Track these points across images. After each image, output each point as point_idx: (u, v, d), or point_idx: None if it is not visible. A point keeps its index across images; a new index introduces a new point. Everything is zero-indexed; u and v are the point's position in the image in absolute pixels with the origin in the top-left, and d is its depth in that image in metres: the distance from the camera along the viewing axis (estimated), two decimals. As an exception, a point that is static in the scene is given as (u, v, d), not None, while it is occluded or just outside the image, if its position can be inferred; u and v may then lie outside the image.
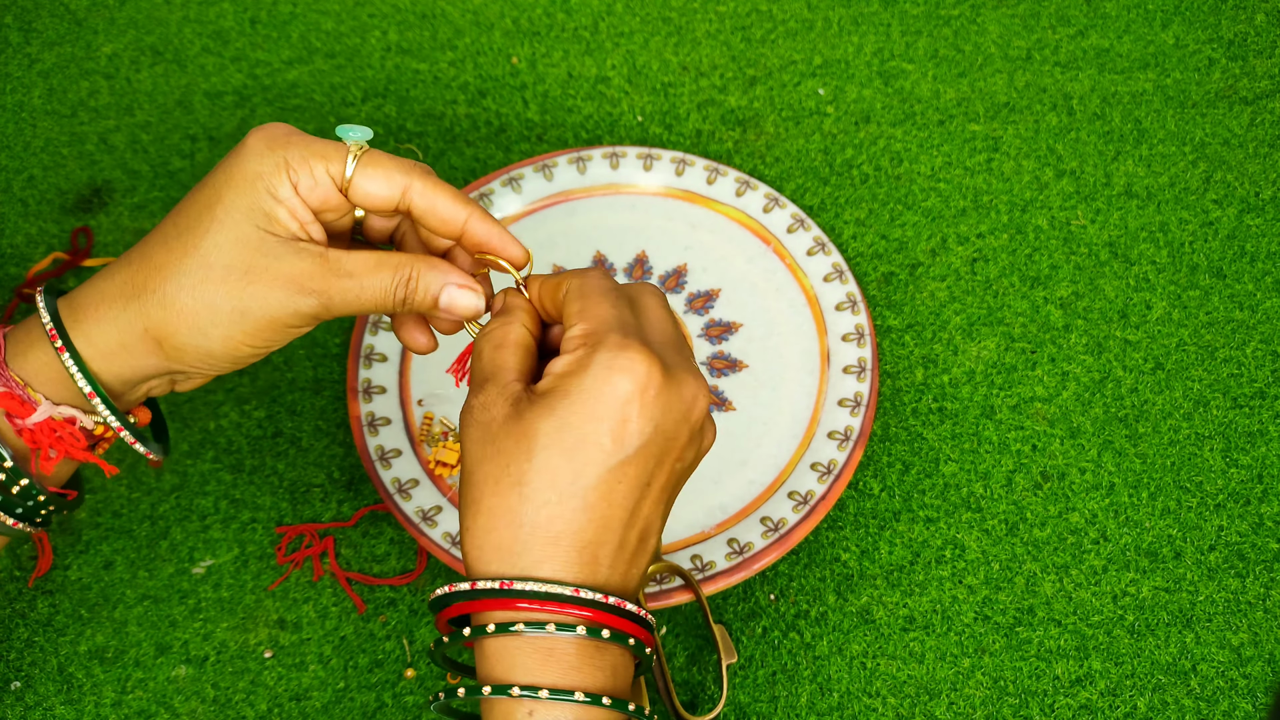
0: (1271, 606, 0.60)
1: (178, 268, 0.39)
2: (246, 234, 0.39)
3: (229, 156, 0.41)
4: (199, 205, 0.40)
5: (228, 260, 0.39)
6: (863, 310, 0.67)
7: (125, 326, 0.40)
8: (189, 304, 0.39)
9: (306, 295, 0.40)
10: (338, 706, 0.57)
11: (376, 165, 0.41)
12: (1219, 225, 0.73)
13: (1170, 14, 0.82)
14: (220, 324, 0.40)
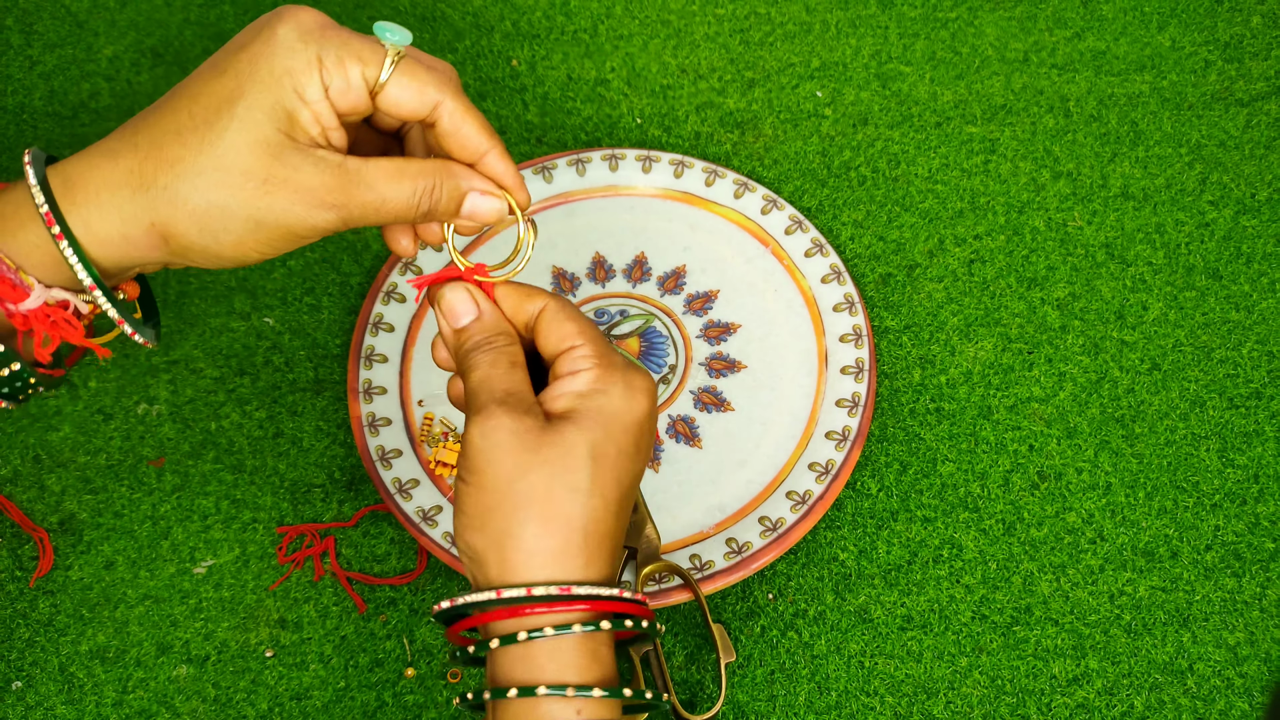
0: (1268, 606, 0.60)
1: (192, 165, 0.37)
2: (267, 136, 0.37)
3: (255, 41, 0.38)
4: (218, 96, 0.37)
5: (246, 164, 0.37)
6: (860, 311, 0.67)
7: (130, 218, 0.37)
8: (201, 206, 0.37)
9: (325, 209, 0.38)
10: (338, 706, 0.57)
11: (412, 75, 0.39)
12: (1215, 226, 0.73)
13: (1166, 16, 0.83)
14: (233, 230, 0.38)
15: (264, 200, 0.37)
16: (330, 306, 0.70)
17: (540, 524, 0.38)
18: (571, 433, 0.39)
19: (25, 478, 0.64)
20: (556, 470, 0.38)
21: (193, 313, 0.70)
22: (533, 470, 0.38)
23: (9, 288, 0.37)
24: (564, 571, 0.38)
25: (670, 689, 0.55)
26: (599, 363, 0.40)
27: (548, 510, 0.38)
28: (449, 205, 0.41)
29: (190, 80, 0.38)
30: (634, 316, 0.69)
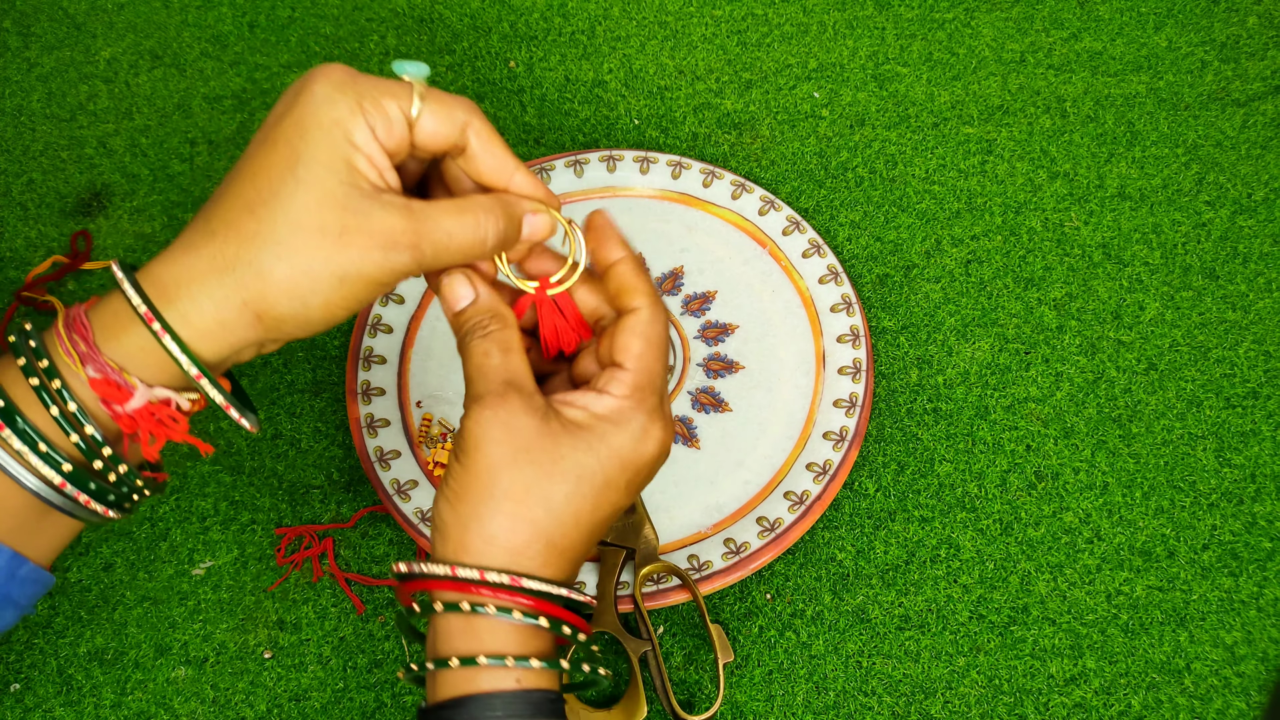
0: (1264, 605, 0.60)
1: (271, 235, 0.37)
2: (333, 190, 0.37)
3: (293, 104, 0.38)
4: (278, 166, 0.37)
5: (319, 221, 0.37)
6: (858, 312, 0.67)
7: (222, 303, 0.37)
8: (287, 273, 0.37)
9: (400, 251, 0.38)
10: (337, 707, 0.58)
11: (440, 103, 0.40)
12: (1211, 227, 0.73)
13: (1163, 17, 0.83)
14: (320, 291, 0.37)
15: (344, 253, 0.37)
16: (328, 308, 0.70)
17: (509, 520, 0.39)
18: (568, 447, 0.39)
19: (24, 479, 0.64)
20: (540, 476, 0.39)
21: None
22: (518, 468, 0.39)
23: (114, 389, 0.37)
24: (518, 567, 0.39)
25: (669, 689, 0.55)
26: (631, 395, 0.40)
27: (519, 510, 0.39)
28: (511, 231, 0.41)
29: (244, 160, 0.39)
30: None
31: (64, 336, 0.38)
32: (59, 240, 0.73)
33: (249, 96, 0.79)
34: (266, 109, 0.79)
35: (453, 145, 0.41)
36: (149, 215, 0.74)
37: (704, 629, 0.59)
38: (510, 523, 0.39)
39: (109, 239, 0.73)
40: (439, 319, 0.69)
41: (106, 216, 0.74)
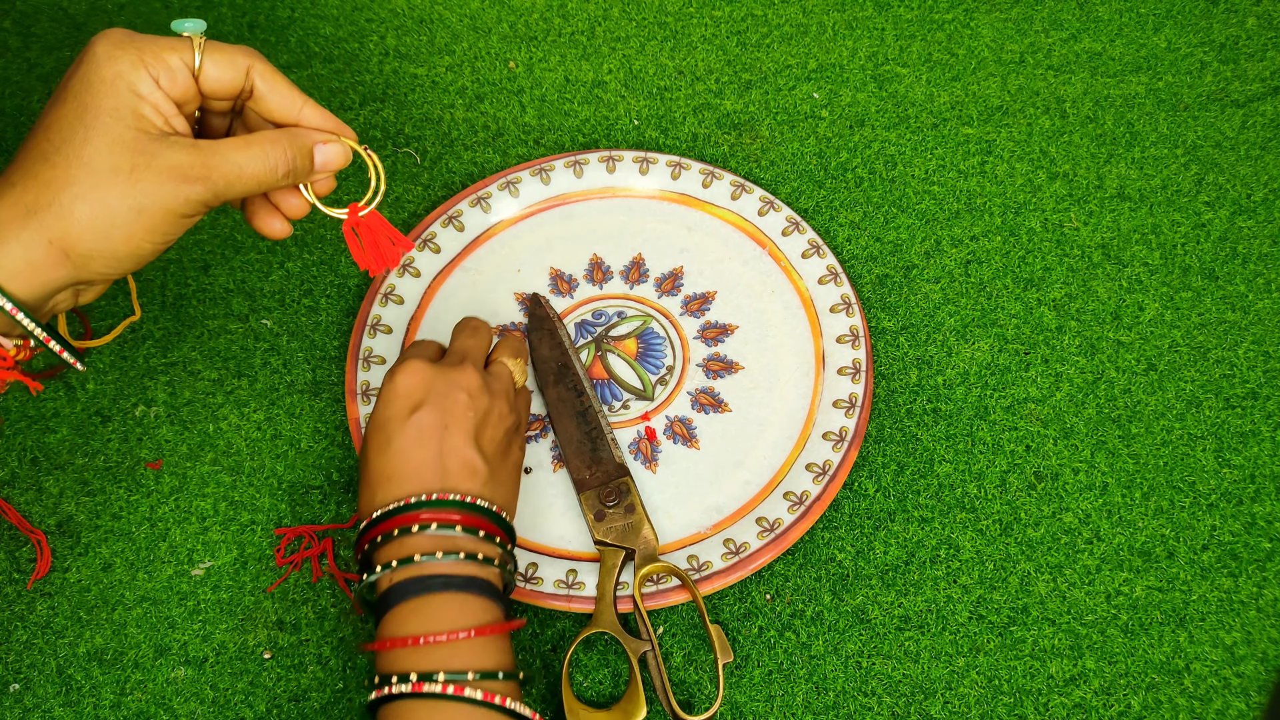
0: (1264, 605, 0.60)
1: (67, 178, 0.40)
2: (121, 134, 0.41)
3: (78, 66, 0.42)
4: (68, 117, 0.41)
5: (111, 162, 0.41)
6: (857, 312, 0.67)
7: (29, 243, 0.40)
8: (87, 210, 0.40)
9: (192, 183, 0.42)
10: (336, 707, 0.58)
11: (220, 51, 0.44)
12: (1211, 227, 0.73)
13: (1162, 18, 0.83)
14: (120, 224, 0.41)
15: (137, 186, 0.41)
16: (328, 308, 0.70)
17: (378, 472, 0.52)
18: None
19: (23, 480, 0.64)
20: None
21: (190, 315, 0.70)
22: None
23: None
24: None
25: (668, 689, 0.55)
26: None
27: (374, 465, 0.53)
28: (304, 161, 0.46)
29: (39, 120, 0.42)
30: (631, 318, 0.69)
31: None
32: (58, 240, 0.73)
33: (249, 97, 0.79)
34: (266, 109, 0.79)
35: (240, 89, 0.45)
36: (149, 216, 0.74)
37: (704, 629, 0.59)
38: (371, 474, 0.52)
39: (109, 239, 0.73)
40: (438, 319, 0.69)
41: (106, 217, 0.74)
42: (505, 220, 0.73)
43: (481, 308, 0.69)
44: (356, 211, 0.51)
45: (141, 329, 0.70)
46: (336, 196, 0.72)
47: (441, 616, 0.46)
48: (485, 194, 0.72)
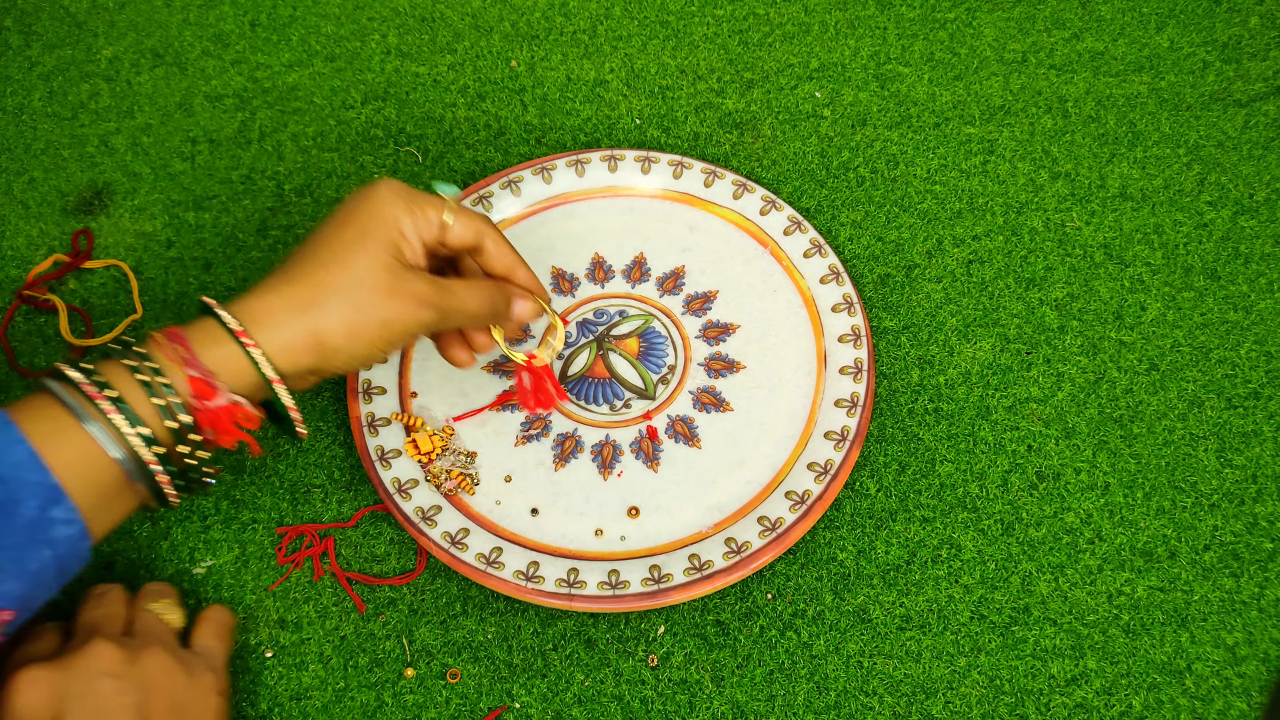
0: (1266, 606, 0.60)
1: (339, 286, 0.50)
2: (386, 262, 0.50)
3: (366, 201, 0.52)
4: (348, 239, 0.51)
5: (375, 281, 0.50)
6: (859, 311, 0.67)
7: (297, 331, 0.49)
8: (349, 314, 0.49)
9: (428, 309, 0.51)
10: (338, 706, 0.58)
11: (466, 215, 0.55)
12: (1213, 227, 0.73)
13: (1165, 17, 0.83)
14: (369, 330, 0.50)
15: (388, 303, 0.50)
16: (329, 307, 0.70)
17: None
18: None
19: (25, 478, 0.64)
20: None
21: (192, 313, 0.70)
22: None
23: (206, 388, 0.47)
24: None
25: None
26: None
27: None
28: (505, 309, 0.56)
29: (321, 232, 0.52)
30: (633, 317, 0.69)
31: (166, 345, 0.48)
32: (60, 238, 0.73)
33: (250, 95, 0.79)
34: (268, 107, 0.79)
35: (471, 246, 0.55)
36: (150, 214, 0.74)
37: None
38: None
39: (110, 237, 0.73)
40: (440, 318, 0.69)
41: (108, 215, 0.74)
42: (507, 219, 0.73)
43: (483, 306, 0.69)
44: (532, 360, 0.61)
45: (143, 327, 0.70)
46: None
47: None
48: (487, 193, 0.72)
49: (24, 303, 0.70)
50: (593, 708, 0.58)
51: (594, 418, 0.65)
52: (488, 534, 0.61)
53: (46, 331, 0.69)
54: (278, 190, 0.75)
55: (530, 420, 0.65)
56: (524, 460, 0.64)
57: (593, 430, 0.65)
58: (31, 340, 0.69)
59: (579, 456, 0.64)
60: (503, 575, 0.59)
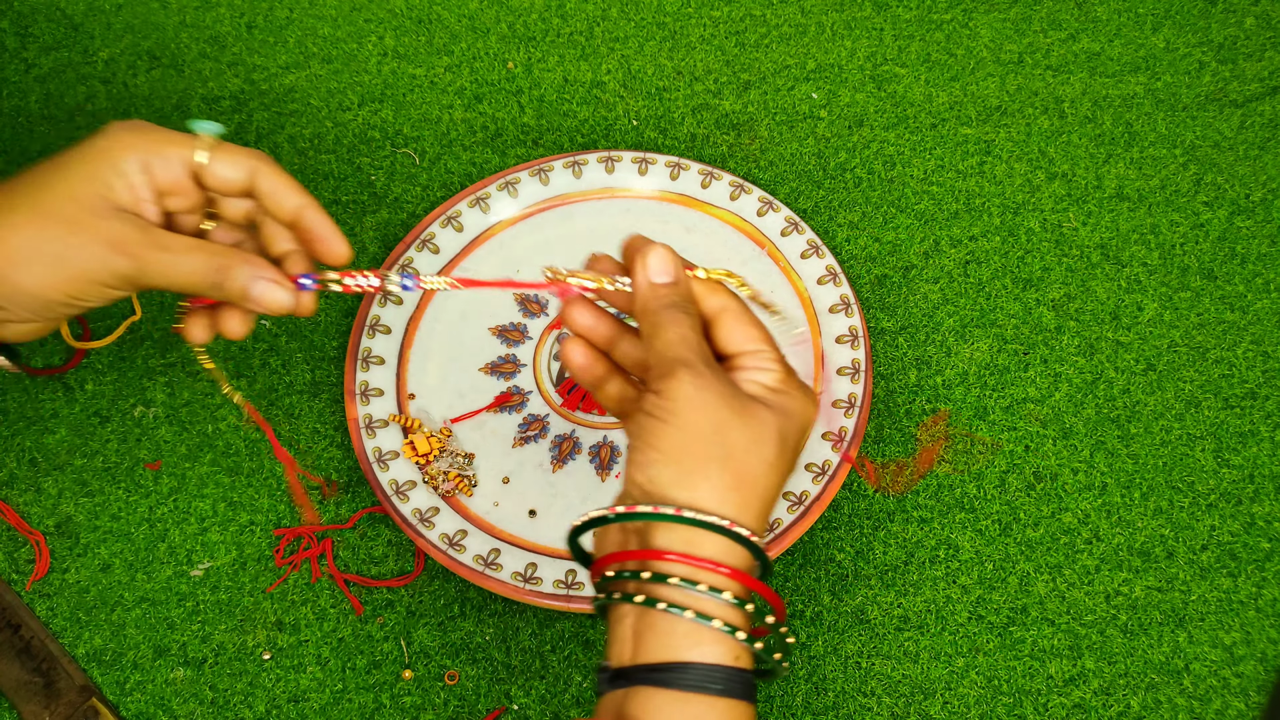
0: (1263, 605, 0.60)
1: (12, 209, 0.43)
2: (81, 192, 0.43)
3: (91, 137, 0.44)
4: (47, 166, 0.44)
5: (58, 209, 0.42)
6: (856, 312, 0.67)
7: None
8: (13, 241, 0.42)
9: (121, 256, 0.43)
10: (336, 708, 0.57)
11: (230, 152, 0.45)
12: (1209, 227, 0.73)
13: (1160, 18, 0.83)
14: (38, 263, 0.42)
15: (68, 238, 0.42)
16: (327, 309, 0.70)
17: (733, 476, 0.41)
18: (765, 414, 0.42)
19: (22, 481, 0.64)
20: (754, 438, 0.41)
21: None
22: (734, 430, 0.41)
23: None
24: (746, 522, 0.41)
25: None
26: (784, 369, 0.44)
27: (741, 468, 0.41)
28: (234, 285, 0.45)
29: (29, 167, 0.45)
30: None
31: None
32: (57, 241, 0.73)
33: (247, 97, 0.79)
34: (264, 109, 0.79)
35: (243, 188, 0.46)
36: (147, 216, 0.74)
37: None
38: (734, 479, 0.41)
39: (107, 240, 0.73)
40: (437, 320, 0.69)
41: (104, 217, 0.74)
42: (504, 221, 0.73)
43: (479, 308, 0.69)
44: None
45: (140, 330, 0.69)
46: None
47: None
48: (484, 194, 0.72)
49: (21, 305, 0.70)
50: (591, 709, 0.57)
51: (592, 419, 0.65)
52: (486, 535, 0.61)
53: (43, 334, 0.69)
54: (275, 192, 0.75)
55: (528, 422, 0.65)
56: (522, 462, 0.64)
57: (590, 432, 0.65)
58: (30, 341, 0.69)
59: (577, 458, 0.64)
60: (501, 577, 0.59)
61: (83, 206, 0.43)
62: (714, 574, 0.40)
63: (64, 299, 0.44)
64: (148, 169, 0.44)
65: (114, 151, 0.44)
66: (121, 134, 0.44)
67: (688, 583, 0.39)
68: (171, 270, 0.44)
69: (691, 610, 0.39)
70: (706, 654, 0.40)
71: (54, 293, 0.43)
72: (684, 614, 0.39)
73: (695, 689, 0.39)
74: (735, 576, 0.40)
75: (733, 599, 0.40)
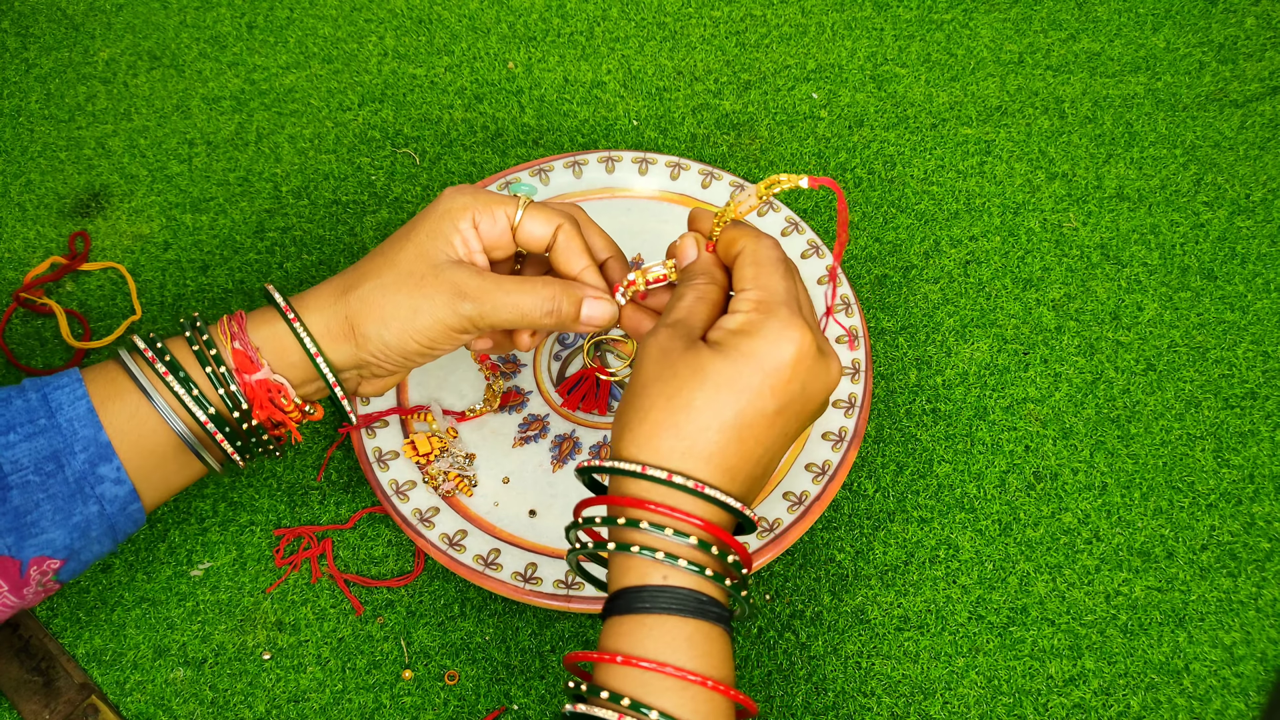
0: (1263, 605, 0.60)
1: (375, 274, 0.50)
2: (428, 251, 0.50)
3: (431, 205, 0.52)
4: (400, 235, 0.51)
5: (410, 269, 0.49)
6: (856, 312, 0.67)
7: (332, 316, 0.50)
8: (378, 300, 0.49)
9: (466, 300, 0.49)
10: (336, 708, 0.58)
11: (541, 211, 0.52)
12: (1210, 227, 0.73)
13: (1161, 18, 0.83)
14: (398, 318, 0.49)
15: (419, 290, 0.49)
16: (327, 309, 0.70)
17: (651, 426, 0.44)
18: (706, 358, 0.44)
19: (22, 481, 0.64)
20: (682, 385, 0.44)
21: (190, 316, 0.70)
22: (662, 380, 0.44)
23: (247, 360, 0.49)
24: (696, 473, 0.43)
25: None
26: (757, 307, 0.45)
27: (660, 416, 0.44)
28: (570, 310, 0.52)
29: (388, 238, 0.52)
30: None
31: (224, 323, 0.50)
32: (57, 241, 0.73)
33: (247, 97, 0.79)
34: (265, 110, 0.79)
35: (545, 244, 0.52)
36: (147, 216, 0.74)
37: None
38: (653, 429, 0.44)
39: (107, 240, 0.73)
40: (438, 320, 0.69)
41: (105, 217, 0.74)
42: (504, 221, 0.73)
43: (480, 308, 0.69)
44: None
45: (141, 329, 0.70)
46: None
47: None
48: (484, 194, 0.72)
49: (21, 305, 0.70)
50: (591, 709, 0.58)
51: (592, 419, 0.65)
52: (486, 535, 0.61)
53: (44, 334, 0.69)
54: (275, 192, 0.75)
55: (528, 422, 0.65)
56: (522, 462, 0.64)
57: (591, 432, 0.65)
58: (29, 342, 0.69)
59: (577, 458, 0.64)
60: (501, 576, 0.59)
61: (430, 263, 0.49)
62: (682, 520, 0.42)
63: (420, 348, 0.51)
64: (479, 226, 0.51)
65: (453, 213, 0.50)
66: (458, 197, 0.51)
67: (655, 527, 0.42)
68: (512, 307, 0.50)
69: (661, 551, 0.42)
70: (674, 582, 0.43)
71: (412, 342, 0.50)
72: (655, 555, 0.42)
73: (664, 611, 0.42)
74: (705, 527, 0.43)
75: (697, 544, 0.42)
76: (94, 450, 0.47)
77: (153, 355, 0.48)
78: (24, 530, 0.46)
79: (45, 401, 0.47)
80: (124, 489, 0.48)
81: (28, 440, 0.46)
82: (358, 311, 0.50)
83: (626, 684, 0.42)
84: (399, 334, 0.49)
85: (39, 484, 0.46)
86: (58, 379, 0.48)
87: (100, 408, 0.47)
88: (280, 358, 0.50)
